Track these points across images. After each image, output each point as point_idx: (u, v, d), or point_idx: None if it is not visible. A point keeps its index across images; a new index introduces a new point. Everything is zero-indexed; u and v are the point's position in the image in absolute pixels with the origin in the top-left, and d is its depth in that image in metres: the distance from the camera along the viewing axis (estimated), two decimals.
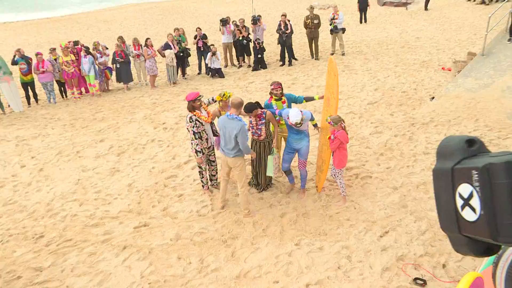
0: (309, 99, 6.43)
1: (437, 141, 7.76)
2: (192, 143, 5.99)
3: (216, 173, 6.60)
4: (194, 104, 5.84)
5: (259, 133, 5.99)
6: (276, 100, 6.31)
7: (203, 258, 5.15)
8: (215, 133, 6.23)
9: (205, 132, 6.04)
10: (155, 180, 7.19)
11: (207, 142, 6.15)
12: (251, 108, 5.76)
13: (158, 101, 11.77)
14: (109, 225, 6.00)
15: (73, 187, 7.21)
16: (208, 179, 6.55)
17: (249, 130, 6.07)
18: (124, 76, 13.17)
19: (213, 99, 6.40)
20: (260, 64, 14.41)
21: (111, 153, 8.49)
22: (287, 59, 14.61)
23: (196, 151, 6.00)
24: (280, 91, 6.26)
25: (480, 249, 0.82)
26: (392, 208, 5.88)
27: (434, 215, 5.62)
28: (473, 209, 0.79)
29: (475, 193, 0.79)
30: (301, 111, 5.61)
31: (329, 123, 5.42)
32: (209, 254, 5.22)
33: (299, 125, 5.58)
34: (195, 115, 5.87)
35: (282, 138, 6.83)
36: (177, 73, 13.69)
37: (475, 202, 0.79)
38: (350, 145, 7.85)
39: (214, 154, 6.43)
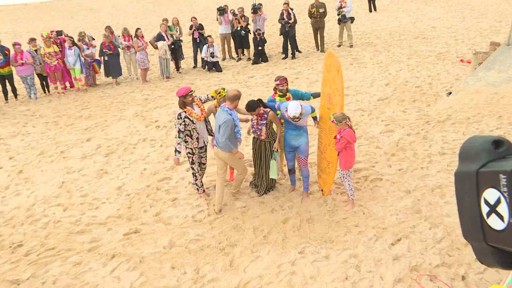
0: (317, 95, 6.41)
1: (454, 141, 7.75)
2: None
3: (202, 175, 6.54)
4: (185, 100, 5.88)
5: (258, 133, 6.10)
6: (280, 96, 6.30)
7: (199, 267, 5.12)
8: (210, 133, 6.27)
9: (196, 130, 6.06)
10: (147, 182, 7.19)
11: (198, 141, 6.16)
12: (253, 106, 5.83)
13: (150, 97, 11.72)
14: (96, 232, 5.96)
15: (56, 190, 7.16)
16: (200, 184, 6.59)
17: (249, 127, 6.27)
18: (113, 69, 13.18)
19: (212, 96, 6.43)
20: (260, 56, 14.40)
21: (99, 154, 8.47)
22: (290, 51, 14.61)
23: (175, 150, 6.05)
24: (286, 87, 6.26)
25: (508, 261, 0.81)
26: (404, 213, 5.85)
27: (451, 221, 5.59)
28: (501, 217, 0.78)
29: (502, 199, 0.78)
30: (301, 105, 5.65)
31: (332, 121, 5.44)
32: (206, 263, 5.18)
33: (297, 120, 5.62)
34: (185, 112, 5.93)
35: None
36: (171, 66, 13.68)
37: (503, 209, 0.78)
38: (359, 145, 7.83)
39: (206, 157, 6.48)
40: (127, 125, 9.88)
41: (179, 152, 6.05)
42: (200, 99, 6.22)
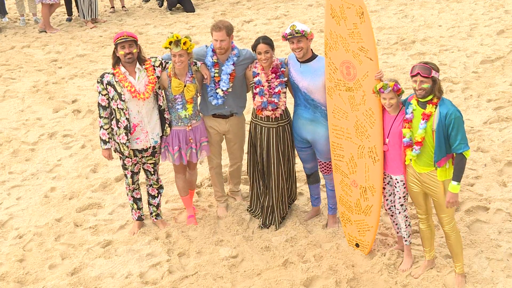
0: None
1: None
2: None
3: (159, 195, 5.49)
4: (119, 51, 4.82)
5: (276, 101, 5.12)
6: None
7: None
8: (164, 127, 5.14)
9: (124, 114, 5.00)
10: (57, 214, 5.91)
11: (127, 132, 5.02)
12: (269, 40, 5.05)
13: (62, 57, 9.73)
14: None
15: None
16: (148, 203, 5.51)
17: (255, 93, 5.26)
18: None
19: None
20: None
21: None
22: None
23: (101, 139, 5.22)
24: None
25: None
26: None
27: None
28: None
29: None
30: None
31: (383, 90, 4.42)
32: None
33: (297, 34, 4.89)
34: (113, 75, 4.95)
35: None
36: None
37: None
38: None
39: (155, 163, 5.37)
40: (18, 107, 8.19)
41: (105, 142, 5.16)
42: (161, 63, 5.08)
